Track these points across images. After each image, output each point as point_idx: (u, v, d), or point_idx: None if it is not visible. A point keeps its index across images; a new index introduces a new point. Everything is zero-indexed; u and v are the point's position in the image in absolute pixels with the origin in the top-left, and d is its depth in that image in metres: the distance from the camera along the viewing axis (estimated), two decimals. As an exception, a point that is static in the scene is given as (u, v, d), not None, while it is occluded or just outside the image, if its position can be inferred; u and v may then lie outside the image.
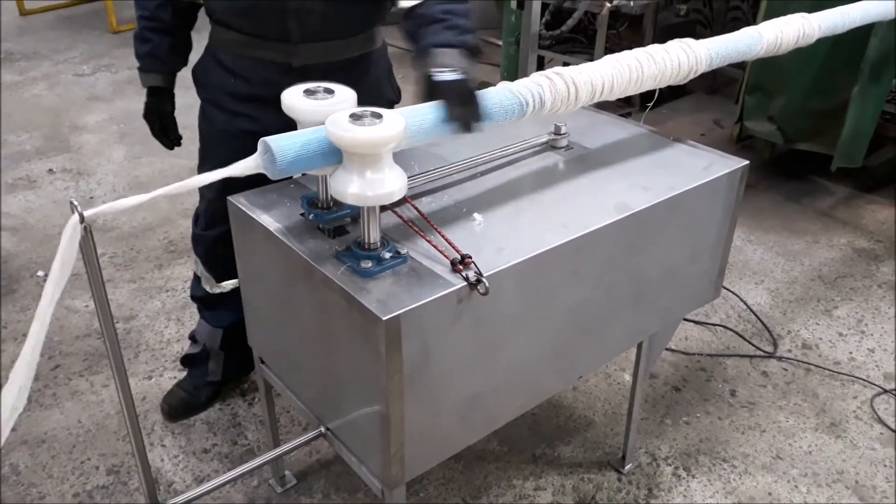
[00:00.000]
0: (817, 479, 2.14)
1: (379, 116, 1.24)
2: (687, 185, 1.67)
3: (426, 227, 1.45)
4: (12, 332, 2.68)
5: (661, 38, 1.83)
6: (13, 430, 2.24)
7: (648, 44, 1.78)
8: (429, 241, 1.39)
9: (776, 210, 3.64)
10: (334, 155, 1.26)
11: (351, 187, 1.25)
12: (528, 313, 1.46)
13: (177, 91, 2.09)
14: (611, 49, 3.98)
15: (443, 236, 1.41)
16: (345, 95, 1.38)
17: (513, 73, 4.53)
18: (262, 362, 1.81)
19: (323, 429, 1.60)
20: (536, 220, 1.52)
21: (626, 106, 4.45)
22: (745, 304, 2.89)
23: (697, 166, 1.76)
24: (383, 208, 1.42)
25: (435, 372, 1.34)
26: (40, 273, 3.06)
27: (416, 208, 1.50)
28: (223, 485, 1.67)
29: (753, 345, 2.68)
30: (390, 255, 1.35)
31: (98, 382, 2.45)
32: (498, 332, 1.42)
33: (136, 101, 5.00)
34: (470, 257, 1.33)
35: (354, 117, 1.23)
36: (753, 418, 2.36)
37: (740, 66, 3.82)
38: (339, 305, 1.31)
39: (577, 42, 4.22)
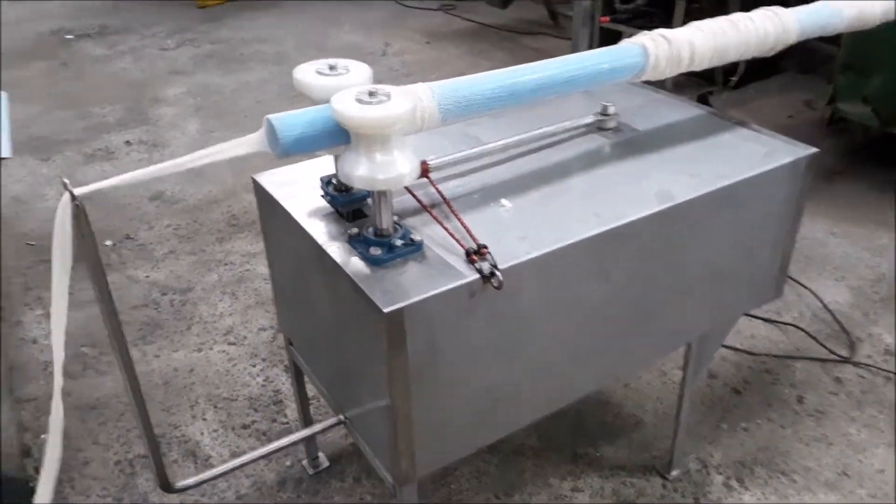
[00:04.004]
0: (888, 501, 1.95)
1: (387, 95, 1.17)
2: (742, 173, 1.51)
3: (448, 212, 1.37)
4: (75, 300, 2.76)
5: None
6: (67, 395, 2.33)
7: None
8: (445, 229, 1.31)
9: (865, 200, 3.34)
10: (342, 135, 1.19)
11: (358, 170, 1.18)
12: (551, 310, 1.36)
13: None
14: (693, 24, 3.73)
15: (461, 223, 1.33)
16: (360, 72, 1.30)
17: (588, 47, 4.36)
18: (290, 344, 1.79)
19: (342, 417, 1.57)
20: (567, 208, 1.42)
21: (708, 84, 4.20)
22: (822, 302, 2.67)
23: (757, 153, 1.60)
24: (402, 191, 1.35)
25: (445, 368, 1.27)
26: (108, 242, 3.15)
27: (438, 191, 1.42)
28: (244, 465, 1.66)
29: (827, 348, 2.46)
30: (402, 242, 1.28)
31: (150, 352, 2.51)
32: (517, 328, 1.33)
33: (216, 75, 5.16)
34: (486, 247, 1.25)
35: (361, 95, 1.16)
36: (821, 429, 2.17)
37: (836, 41, 3.51)
38: (348, 293, 1.26)
39: (654, 17, 3.99)
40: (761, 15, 1.62)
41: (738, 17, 1.61)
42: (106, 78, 5.13)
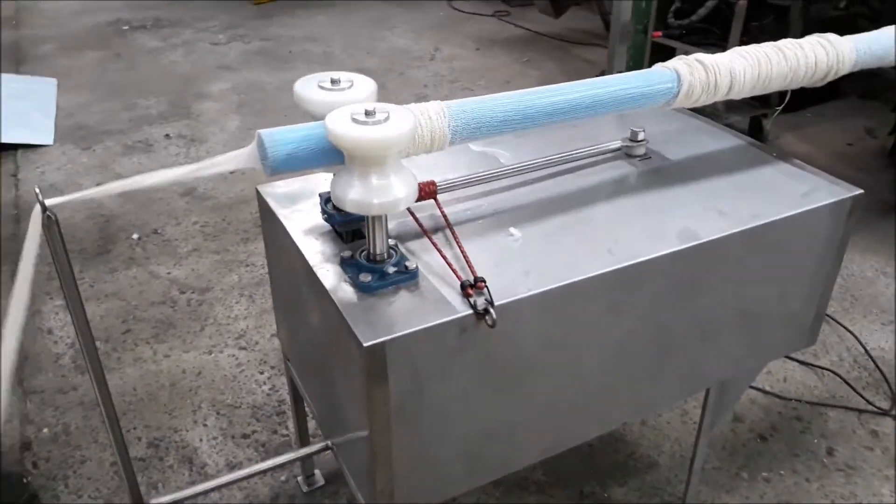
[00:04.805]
0: (921, 572, 1.80)
1: (386, 114, 1.09)
2: (776, 213, 1.40)
3: (451, 238, 1.29)
4: (96, 292, 2.77)
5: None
6: (74, 389, 2.32)
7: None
8: (444, 257, 1.23)
9: (924, 240, 3.14)
10: (336, 154, 1.12)
11: (351, 193, 1.11)
12: (553, 351, 1.27)
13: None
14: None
15: (462, 252, 1.24)
16: (364, 87, 1.23)
17: (639, 62, 4.22)
18: (288, 359, 1.73)
19: (329, 443, 1.50)
20: (581, 241, 1.32)
21: (762, 107, 4.01)
22: (864, 347, 2.50)
23: (796, 192, 1.48)
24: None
25: (432, 406, 1.19)
26: (135, 236, 3.16)
27: (444, 215, 1.34)
28: (222, 486, 1.60)
29: (865, 398, 2.30)
30: (395, 269, 1.20)
31: (161, 352, 2.48)
32: (514, 369, 1.24)
33: (263, 72, 5.17)
34: (483, 281, 1.16)
35: (357, 114, 1.08)
36: (850, 486, 2.01)
37: (901, 69, 3.31)
38: (334, 320, 1.18)
39: (710, 34, 3.83)
40: (813, 42, 1.49)
41: (786, 43, 1.49)
42: (156, 70, 5.19)
